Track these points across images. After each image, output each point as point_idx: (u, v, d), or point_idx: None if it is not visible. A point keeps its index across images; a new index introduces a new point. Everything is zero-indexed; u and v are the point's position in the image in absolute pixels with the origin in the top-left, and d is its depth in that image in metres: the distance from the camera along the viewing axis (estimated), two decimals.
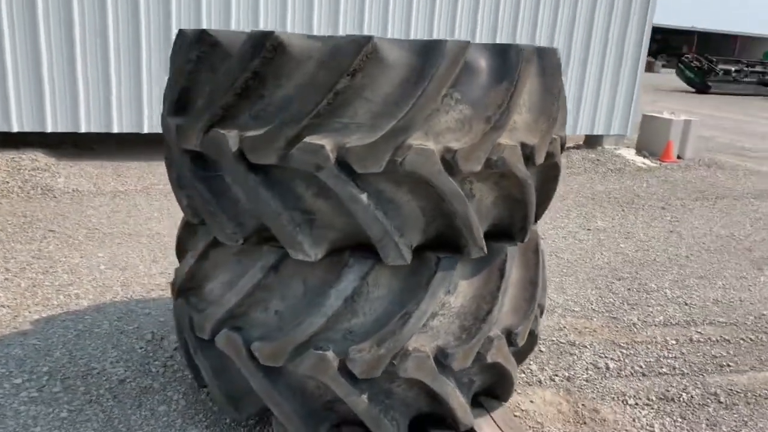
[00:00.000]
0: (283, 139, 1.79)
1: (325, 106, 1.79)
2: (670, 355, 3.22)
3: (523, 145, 1.99)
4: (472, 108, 1.89)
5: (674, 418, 2.66)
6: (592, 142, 9.20)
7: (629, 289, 4.12)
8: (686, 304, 3.93)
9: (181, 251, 2.51)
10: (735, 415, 2.72)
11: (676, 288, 4.20)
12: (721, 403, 2.81)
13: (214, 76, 2.00)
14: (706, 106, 19.34)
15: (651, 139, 9.26)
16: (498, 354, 2.19)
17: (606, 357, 3.14)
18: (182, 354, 2.47)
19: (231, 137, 1.86)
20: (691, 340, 3.42)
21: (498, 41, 7.88)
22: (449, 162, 1.85)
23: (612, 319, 3.61)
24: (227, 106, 1.89)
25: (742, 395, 2.89)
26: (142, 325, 3.12)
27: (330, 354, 1.97)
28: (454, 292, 2.10)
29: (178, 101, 2.11)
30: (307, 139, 1.78)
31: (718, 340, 3.44)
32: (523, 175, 2.01)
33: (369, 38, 1.77)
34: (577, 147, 9.23)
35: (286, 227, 1.89)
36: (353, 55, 1.75)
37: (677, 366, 3.11)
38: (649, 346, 3.30)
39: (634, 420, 2.61)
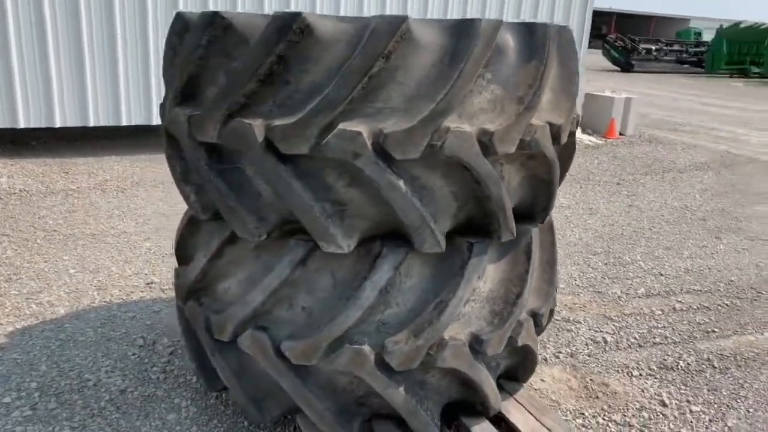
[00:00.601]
0: (316, 127, 1.70)
1: (359, 91, 1.70)
2: (659, 325, 3.32)
3: (551, 125, 1.98)
4: (503, 88, 1.85)
5: (677, 386, 2.75)
6: None
7: (606, 263, 4.23)
8: (661, 275, 4.07)
9: (184, 250, 2.37)
10: (730, 379, 2.84)
11: (648, 260, 4.35)
12: (716, 368, 2.93)
13: (229, 61, 1.87)
14: (636, 84, 20.12)
15: (594, 118, 9.54)
16: (527, 336, 2.18)
17: (601, 331, 3.21)
18: (192, 358, 2.34)
19: (257, 127, 1.74)
20: (674, 309, 3.55)
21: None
22: (485, 144, 1.80)
23: (597, 294, 3.69)
24: (249, 94, 1.77)
25: (732, 359, 3.02)
26: (130, 330, 2.94)
27: (366, 348, 1.90)
28: (483, 277, 2.07)
29: (184, 90, 1.97)
30: (342, 126, 1.70)
31: (698, 308, 3.58)
32: (551, 155, 1.99)
33: (404, 18, 1.69)
34: None
35: (319, 219, 1.80)
36: (389, 37, 1.67)
37: (668, 335, 3.22)
38: (638, 318, 3.40)
39: (642, 391, 2.68)
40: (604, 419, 2.48)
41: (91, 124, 6.24)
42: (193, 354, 2.34)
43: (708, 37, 35.55)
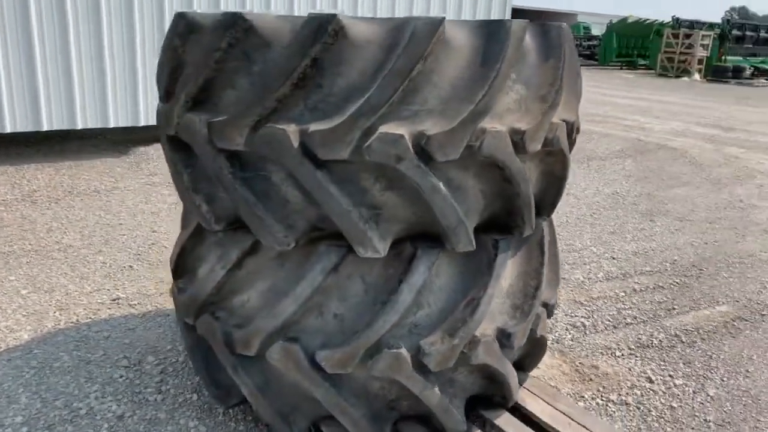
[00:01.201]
0: (358, 131, 1.67)
1: (399, 94, 1.69)
2: (626, 307, 3.53)
3: (566, 122, 2.04)
4: (526, 88, 1.90)
5: (657, 362, 2.93)
6: None
7: (561, 250, 4.42)
8: (614, 258, 4.32)
9: (185, 263, 2.24)
10: (699, 352, 3.06)
11: (599, 245, 4.60)
12: (684, 342, 3.15)
13: (250, 65, 1.79)
14: None
15: None
16: (543, 328, 2.25)
17: (577, 316, 3.36)
18: (203, 374, 2.23)
19: (292, 132, 1.69)
20: (634, 290, 3.77)
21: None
22: (517, 143, 1.84)
23: (563, 280, 3.86)
24: (281, 98, 1.71)
25: (696, 333, 3.26)
26: (108, 351, 2.76)
27: (404, 351, 1.90)
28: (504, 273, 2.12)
29: (198, 95, 1.86)
30: (384, 130, 1.68)
31: (655, 288, 3.83)
32: (567, 151, 2.07)
33: (441, 20, 1.69)
34: None
35: (357, 224, 1.77)
36: (429, 39, 1.67)
37: (636, 315, 3.42)
38: (606, 301, 3.59)
39: (629, 370, 2.84)
40: (602, 400, 2.60)
41: (8, 130, 5.75)
42: (203, 371, 2.23)
43: (596, 31, 37.82)
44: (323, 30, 1.66)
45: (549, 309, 2.30)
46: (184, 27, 1.93)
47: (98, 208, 4.79)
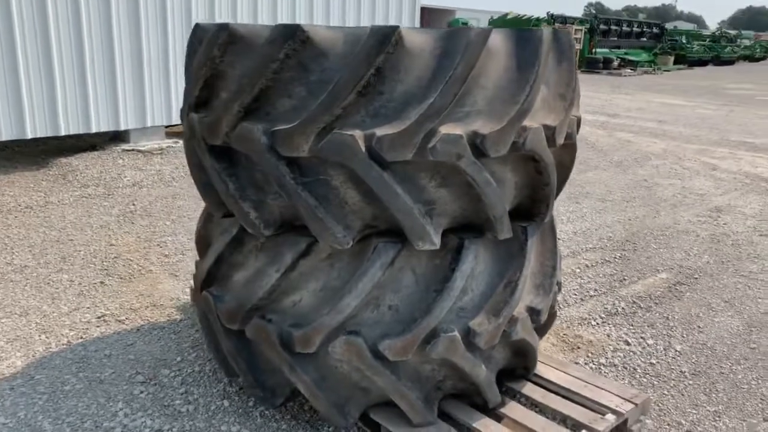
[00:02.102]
0: (422, 133, 1.81)
1: (456, 98, 1.85)
2: (585, 281, 3.90)
3: (577, 118, 2.29)
4: (547, 87, 2.12)
5: (627, 327, 3.30)
6: None
7: None
8: (559, 238, 4.70)
9: (220, 272, 2.27)
10: (657, 315, 3.47)
11: None
12: (642, 308, 3.55)
13: (307, 75, 1.87)
14: None
15: None
16: (556, 303, 2.50)
17: None
18: (248, 379, 2.27)
19: (359, 138, 1.80)
20: (587, 266, 4.17)
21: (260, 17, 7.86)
22: (549, 138, 2.06)
23: None
24: (347, 106, 1.81)
25: (648, 299, 3.68)
26: (117, 368, 2.69)
27: (457, 334, 2.06)
28: None
29: (252, 105, 1.91)
30: (444, 131, 1.83)
31: (603, 262, 4.25)
32: (576, 144, 2.32)
33: (490, 30, 1.87)
34: None
35: (418, 220, 1.91)
36: (482, 47, 1.84)
37: (597, 288, 3.80)
38: (567, 277, 3.94)
39: (608, 336, 3.18)
40: (594, 364, 2.91)
41: None
42: (248, 374, 2.26)
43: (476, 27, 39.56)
44: (387, 40, 1.78)
45: (559, 285, 2.56)
46: (226, 38, 1.96)
47: (39, 225, 4.51)
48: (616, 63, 27.08)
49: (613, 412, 2.30)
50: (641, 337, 3.19)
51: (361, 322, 2.05)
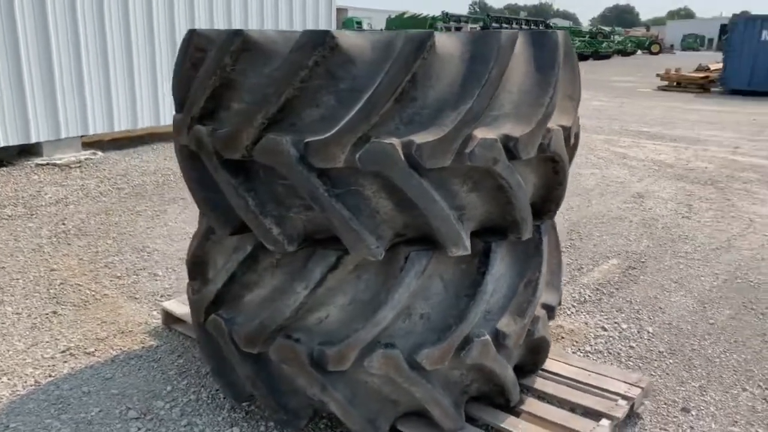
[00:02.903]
0: (461, 139, 1.79)
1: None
2: None
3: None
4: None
5: (599, 314, 3.46)
6: None
7: None
8: None
9: (231, 293, 2.14)
10: (621, 299, 3.67)
11: None
12: (606, 294, 3.74)
13: (336, 82, 1.80)
14: None
15: None
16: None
17: None
18: (269, 403, 2.15)
19: (399, 146, 1.75)
20: None
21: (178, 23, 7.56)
22: (566, 138, 2.11)
23: None
24: (384, 114, 1.76)
25: (609, 285, 3.88)
26: (104, 406, 2.46)
27: (488, 338, 2.07)
28: None
29: (277, 115, 1.81)
30: (482, 136, 1.83)
31: None
32: (578, 143, 2.39)
33: (517, 33, 1.88)
34: None
35: (454, 226, 1.90)
36: (511, 51, 1.85)
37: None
38: None
39: (586, 324, 3.32)
40: (581, 351, 3.03)
41: None
42: (270, 398, 2.14)
43: (366, 26, 39.87)
44: (424, 46, 1.74)
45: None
46: (240, 45, 1.85)
47: None
48: None
49: (624, 397, 2.40)
50: (615, 322, 3.36)
51: (394, 333, 2.01)
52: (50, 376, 2.67)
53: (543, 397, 2.47)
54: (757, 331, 3.33)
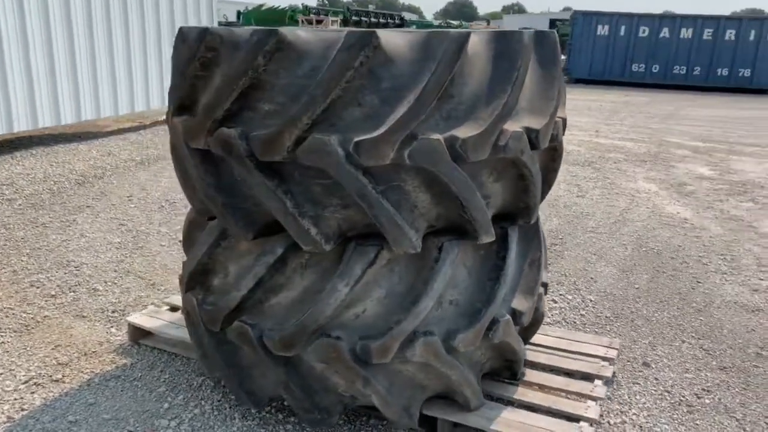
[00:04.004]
0: (497, 132, 1.92)
1: None
2: None
3: None
4: None
5: (575, 300, 3.76)
6: None
7: None
8: None
9: (257, 296, 2.10)
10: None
11: None
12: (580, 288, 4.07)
13: (378, 82, 1.84)
14: None
15: None
16: None
17: None
18: (303, 405, 2.13)
19: (444, 141, 1.84)
20: None
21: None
22: (564, 129, 2.31)
23: None
24: (429, 110, 1.83)
25: (572, 273, 4.21)
26: None
27: (509, 317, 2.23)
28: None
29: (321, 116, 1.82)
30: (512, 129, 1.96)
31: None
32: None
33: (532, 32, 2.03)
34: None
35: (487, 215, 2.02)
36: (532, 48, 2.00)
37: None
38: None
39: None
40: (544, 324, 3.29)
41: None
42: (304, 400, 2.13)
43: (222, 17, 38.57)
44: (465, 45, 1.84)
45: None
46: (274, 45, 1.83)
47: None
48: None
49: (604, 359, 2.69)
50: (560, 295, 3.68)
51: (429, 321, 2.09)
52: (23, 410, 2.42)
53: (536, 366, 2.68)
54: (674, 291, 3.83)
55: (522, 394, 2.41)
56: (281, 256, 2.05)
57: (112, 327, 3.08)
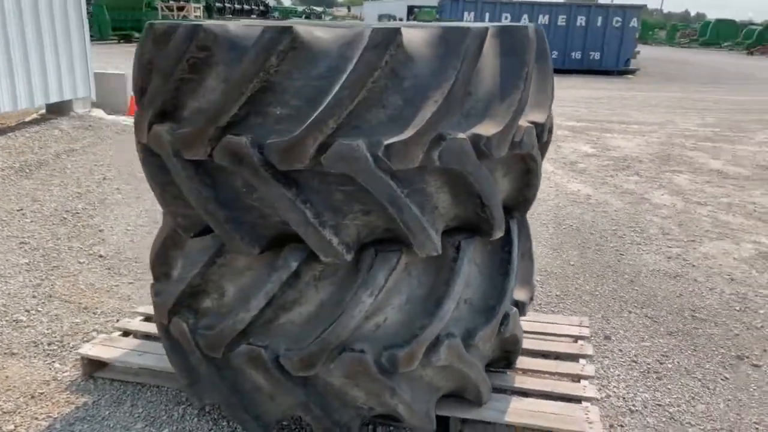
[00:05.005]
0: (515, 129, 1.92)
1: None
2: None
3: None
4: None
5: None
6: (60, 109, 8.36)
7: None
8: None
9: (267, 315, 1.95)
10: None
11: None
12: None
13: (400, 81, 1.76)
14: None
15: (110, 97, 9.17)
16: None
17: None
18: (324, 423, 2.02)
19: (470, 139, 1.81)
20: None
21: None
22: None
23: None
24: (455, 109, 1.79)
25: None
26: None
27: (516, 310, 2.27)
28: None
29: (347, 119, 1.71)
30: (527, 125, 1.98)
31: None
32: None
33: (534, 26, 2.04)
34: (44, 118, 8.24)
35: (502, 210, 2.02)
36: (535, 42, 2.01)
37: None
38: None
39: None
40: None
41: None
42: (327, 418, 2.02)
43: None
44: (484, 40, 1.81)
45: None
46: (288, 44, 1.69)
47: None
48: None
49: (580, 338, 2.82)
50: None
51: (448, 323, 2.06)
52: None
53: (523, 351, 2.74)
54: (604, 265, 4.10)
55: (521, 381, 2.46)
56: (296, 270, 1.91)
57: (54, 362, 2.73)
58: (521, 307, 2.31)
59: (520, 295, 2.33)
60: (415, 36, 1.78)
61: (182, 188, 1.91)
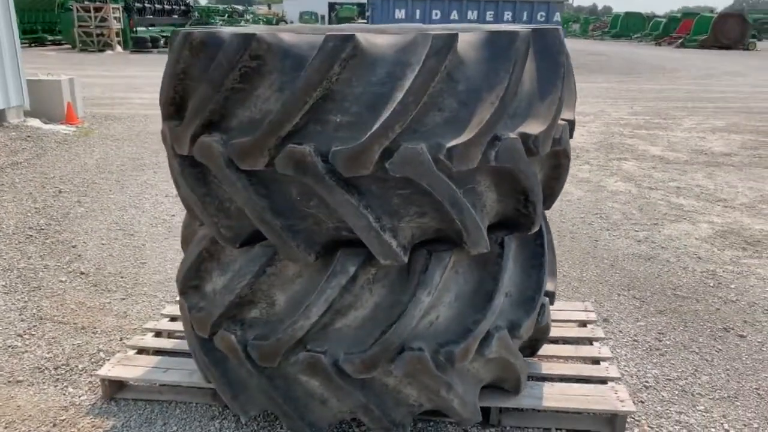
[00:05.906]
0: (555, 126, 2.01)
1: None
2: None
3: None
4: None
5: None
6: None
7: None
8: None
9: (323, 321, 1.95)
10: None
11: None
12: None
13: (455, 84, 1.81)
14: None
15: (45, 104, 8.69)
16: None
17: None
18: (383, 425, 2.04)
19: (522, 139, 1.89)
20: None
21: None
22: None
23: None
24: (507, 111, 1.86)
25: None
26: None
27: (547, 299, 2.36)
28: None
29: (411, 123, 1.74)
30: (560, 122, 2.07)
31: None
32: None
33: (559, 27, 2.14)
34: None
35: (542, 206, 2.11)
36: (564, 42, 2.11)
37: None
38: None
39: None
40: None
41: None
42: (383, 418, 2.05)
43: None
44: (529, 43, 1.88)
45: None
46: (351, 51, 1.70)
47: None
48: (162, 42, 26.95)
49: (589, 322, 2.96)
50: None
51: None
52: None
53: None
54: (583, 251, 4.30)
55: (547, 368, 2.56)
56: (354, 274, 1.92)
57: (66, 386, 2.61)
58: (551, 296, 2.41)
59: (549, 285, 2.43)
60: (464, 40, 1.83)
61: (236, 199, 1.88)
